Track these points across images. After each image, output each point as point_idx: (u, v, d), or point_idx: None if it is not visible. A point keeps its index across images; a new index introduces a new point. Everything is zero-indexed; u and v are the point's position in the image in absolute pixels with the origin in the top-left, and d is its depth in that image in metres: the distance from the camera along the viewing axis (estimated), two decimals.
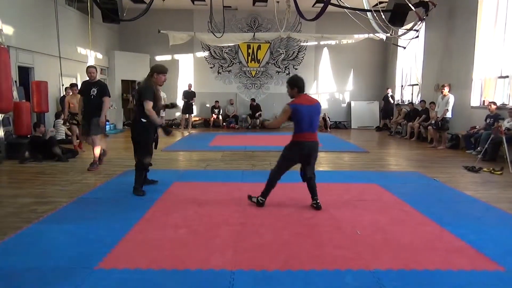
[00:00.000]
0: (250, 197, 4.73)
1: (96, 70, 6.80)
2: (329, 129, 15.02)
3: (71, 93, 8.77)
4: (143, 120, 4.91)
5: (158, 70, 4.98)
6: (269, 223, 4.03)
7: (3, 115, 7.89)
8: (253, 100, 15.67)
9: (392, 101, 14.30)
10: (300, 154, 4.43)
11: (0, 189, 5.50)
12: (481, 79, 9.88)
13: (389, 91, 14.45)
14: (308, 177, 4.56)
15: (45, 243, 3.43)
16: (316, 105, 4.43)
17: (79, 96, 8.46)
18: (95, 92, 6.51)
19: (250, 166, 7.17)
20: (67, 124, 9.08)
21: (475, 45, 9.86)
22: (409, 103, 13.09)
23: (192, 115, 14.73)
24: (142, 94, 4.87)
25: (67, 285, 2.68)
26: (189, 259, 3.12)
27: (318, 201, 4.53)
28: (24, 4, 9.21)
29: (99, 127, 6.63)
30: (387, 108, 14.40)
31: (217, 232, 3.75)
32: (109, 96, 6.77)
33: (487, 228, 3.93)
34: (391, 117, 14.06)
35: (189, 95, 14.16)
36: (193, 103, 14.38)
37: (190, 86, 14.49)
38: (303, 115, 4.29)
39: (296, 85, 4.39)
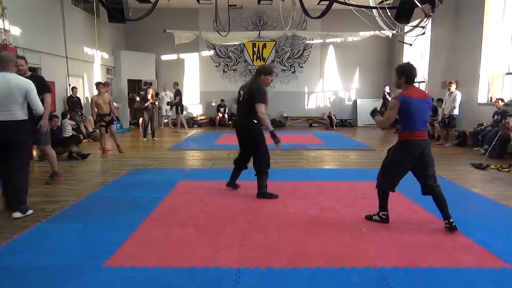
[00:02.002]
0: (370, 217, 4.07)
1: (26, 62, 5.04)
2: (335, 127, 15.00)
3: (97, 93, 8.39)
4: (255, 121, 4.70)
5: (266, 72, 4.81)
6: (275, 221, 4.04)
7: None
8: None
9: (389, 99, 14.23)
10: (412, 157, 3.71)
11: None
12: (488, 76, 9.80)
13: (386, 88, 14.44)
14: (430, 185, 3.79)
15: (53, 242, 3.47)
16: (428, 99, 3.80)
17: (106, 95, 8.45)
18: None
19: None
20: (96, 126, 8.81)
21: (482, 42, 9.79)
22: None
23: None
24: (255, 96, 4.62)
25: (75, 283, 2.71)
26: (195, 257, 3.14)
27: (451, 220, 3.73)
28: (31, 5, 9.29)
29: (46, 133, 5.20)
30: (386, 106, 14.34)
31: (223, 230, 3.77)
32: (50, 92, 5.03)
33: (494, 226, 3.91)
34: None
35: (180, 94, 13.62)
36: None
37: (177, 84, 13.84)
38: (414, 110, 3.65)
39: (404, 73, 3.77)
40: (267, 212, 4.35)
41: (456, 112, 9.70)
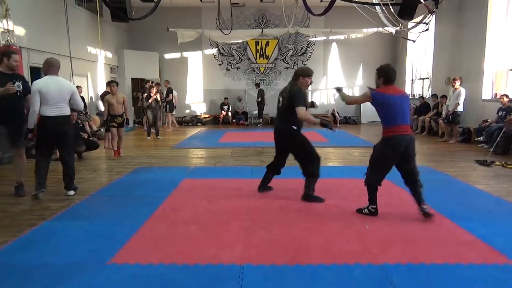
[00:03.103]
0: (360, 210, 4.18)
1: (20, 58, 5.12)
2: (338, 125, 14.97)
3: (110, 92, 8.00)
4: (294, 127, 4.57)
5: (305, 74, 4.62)
6: (279, 218, 4.06)
7: None
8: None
9: None
10: (397, 152, 3.83)
11: None
12: (492, 72, 9.75)
13: None
14: (413, 180, 3.95)
15: (58, 240, 3.51)
16: (407, 97, 3.96)
17: (121, 95, 7.91)
18: (21, 88, 4.84)
19: (259, 163, 7.19)
20: (106, 126, 8.25)
21: (486, 37, 9.73)
22: (420, 97, 12.95)
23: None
24: (295, 99, 4.44)
25: (81, 280, 2.75)
26: (199, 254, 3.16)
27: (425, 207, 3.93)
28: (35, 6, 9.33)
29: (25, 136, 5.08)
30: None
31: (227, 227, 3.79)
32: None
33: (498, 222, 3.91)
34: None
35: (172, 92, 13.46)
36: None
37: (168, 82, 13.76)
38: (392, 106, 3.80)
39: (382, 74, 3.92)
40: (271, 209, 4.37)
41: (460, 108, 9.66)
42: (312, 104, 5.00)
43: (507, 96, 8.70)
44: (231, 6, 11.49)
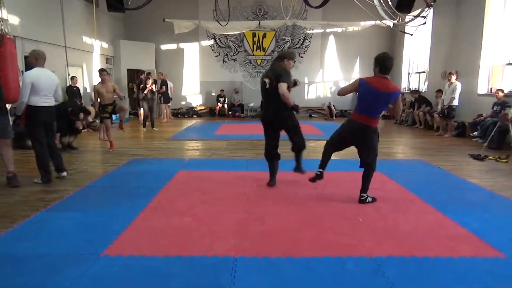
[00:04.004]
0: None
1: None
2: (334, 118, 14.98)
3: (100, 81, 7.80)
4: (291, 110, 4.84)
5: (289, 56, 4.91)
6: (273, 210, 4.08)
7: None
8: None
9: None
10: (347, 133, 4.28)
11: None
12: (488, 66, 9.76)
13: None
14: (361, 165, 4.30)
15: (52, 231, 3.51)
16: (388, 94, 4.01)
17: (110, 83, 7.84)
18: None
19: (255, 155, 7.20)
20: (99, 117, 8.14)
21: (483, 32, 9.73)
22: (414, 90, 12.97)
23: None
24: (282, 77, 4.65)
25: (75, 271, 2.75)
26: (193, 246, 3.17)
27: (363, 194, 4.28)
28: None
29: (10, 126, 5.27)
30: None
31: (222, 219, 3.80)
32: None
33: (491, 216, 3.94)
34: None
35: (166, 84, 13.46)
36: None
37: (161, 74, 13.72)
38: (365, 95, 4.07)
39: (379, 63, 4.05)
40: (265, 201, 4.38)
41: (455, 102, 9.69)
42: (295, 83, 5.08)
43: (502, 90, 8.73)
44: None
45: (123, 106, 8.33)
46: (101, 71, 7.92)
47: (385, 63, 4.05)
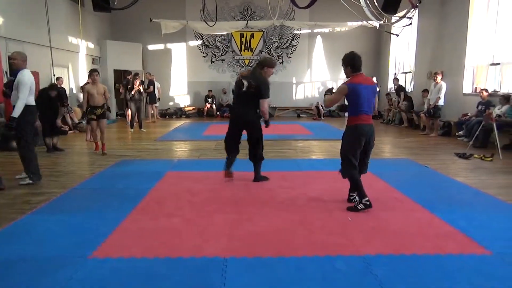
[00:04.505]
0: (354, 208, 4.05)
1: None
2: (322, 118, 15.07)
3: (91, 81, 7.57)
4: (260, 117, 4.99)
5: (269, 64, 4.94)
6: (263, 211, 4.07)
7: None
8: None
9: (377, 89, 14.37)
10: (361, 139, 3.95)
11: None
12: (473, 66, 9.93)
13: (374, 79, 14.51)
14: (362, 173, 4.16)
15: (39, 233, 3.45)
16: (373, 86, 4.10)
17: (101, 85, 7.61)
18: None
19: (244, 156, 7.18)
20: (85, 118, 7.90)
21: (467, 33, 9.89)
22: (395, 78, 13.37)
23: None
24: (264, 91, 4.75)
25: (62, 274, 2.71)
26: (182, 247, 3.15)
27: (353, 196, 4.23)
28: None
29: None
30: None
31: (211, 220, 3.79)
32: None
33: (477, 214, 4.00)
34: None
35: (153, 84, 13.40)
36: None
37: (149, 74, 13.67)
38: (361, 95, 3.92)
39: (348, 63, 4.04)
40: (255, 202, 4.38)
41: (441, 102, 9.83)
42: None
43: (486, 90, 8.88)
44: None
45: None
46: (93, 71, 7.68)
47: (355, 63, 4.05)
